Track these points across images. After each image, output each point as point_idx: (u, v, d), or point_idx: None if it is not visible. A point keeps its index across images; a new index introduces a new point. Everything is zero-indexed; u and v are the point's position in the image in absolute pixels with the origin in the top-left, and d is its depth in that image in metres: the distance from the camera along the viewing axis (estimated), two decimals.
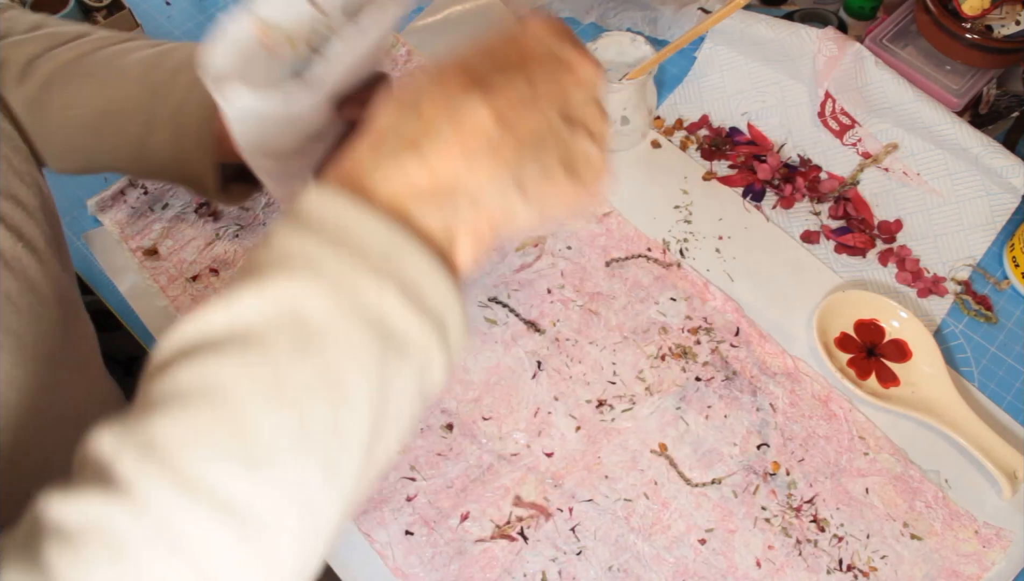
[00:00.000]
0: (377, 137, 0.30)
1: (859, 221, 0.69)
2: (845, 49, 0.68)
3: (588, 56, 0.33)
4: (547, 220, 0.33)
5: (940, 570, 0.55)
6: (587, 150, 0.33)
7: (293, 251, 0.28)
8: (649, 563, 0.55)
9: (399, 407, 0.30)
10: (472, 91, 0.30)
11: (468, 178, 0.30)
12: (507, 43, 0.33)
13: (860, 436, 0.59)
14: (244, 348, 0.28)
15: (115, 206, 0.69)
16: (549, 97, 0.32)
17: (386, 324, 0.28)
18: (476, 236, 0.31)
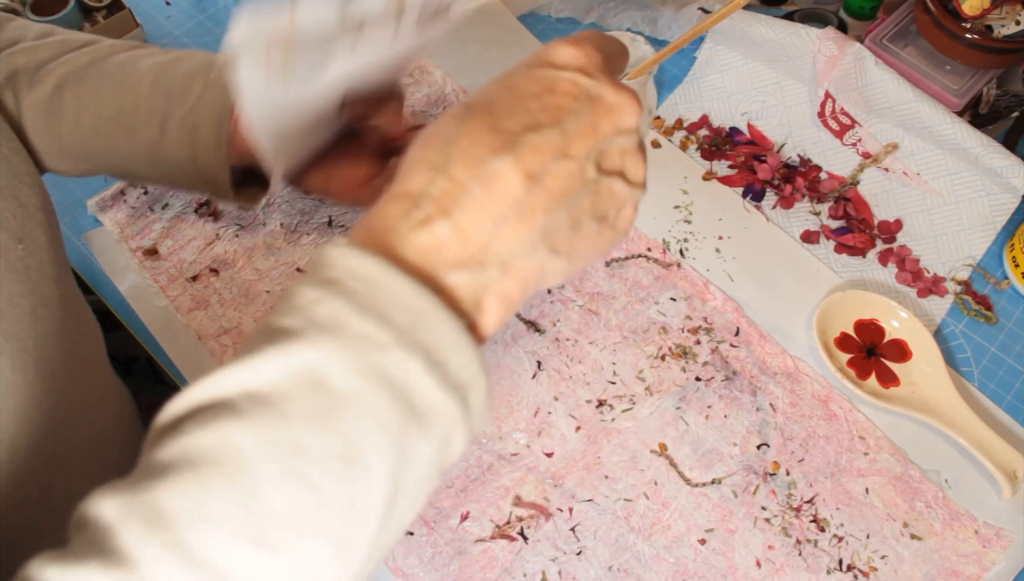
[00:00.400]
0: (407, 198, 0.29)
1: (859, 221, 0.69)
2: (845, 49, 0.68)
3: (624, 90, 0.31)
4: (576, 268, 0.32)
5: (940, 570, 0.55)
6: (620, 195, 0.32)
7: (319, 315, 0.27)
8: (649, 563, 0.55)
9: (417, 482, 0.28)
10: (502, 153, 0.29)
11: (498, 242, 0.29)
12: (536, 82, 0.31)
13: (860, 436, 0.59)
14: (263, 412, 0.26)
15: (115, 206, 0.69)
16: (583, 145, 0.30)
17: (410, 396, 0.27)
18: (505, 299, 0.30)
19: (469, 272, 0.29)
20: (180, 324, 0.64)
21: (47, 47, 0.52)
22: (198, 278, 0.66)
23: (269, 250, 0.67)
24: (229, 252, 0.67)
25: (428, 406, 0.28)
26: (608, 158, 0.31)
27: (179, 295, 0.65)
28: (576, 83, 0.31)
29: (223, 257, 0.67)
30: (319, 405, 0.26)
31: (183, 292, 0.65)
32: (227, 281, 0.65)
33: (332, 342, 0.27)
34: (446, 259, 0.29)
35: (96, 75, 0.52)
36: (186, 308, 0.64)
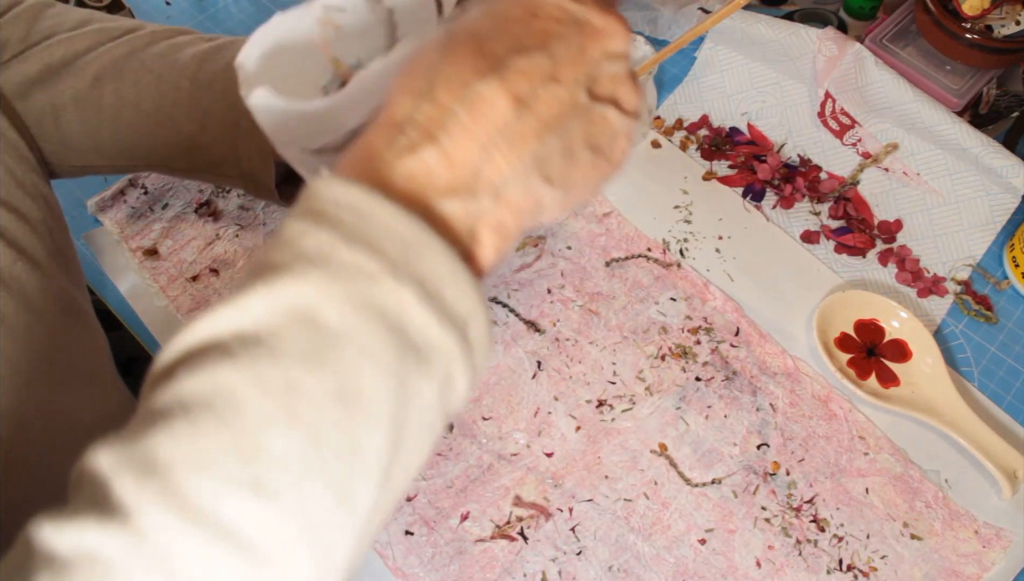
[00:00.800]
0: (392, 126, 0.28)
1: (859, 221, 0.69)
2: (845, 49, 0.68)
3: (612, 14, 0.30)
4: (572, 201, 0.31)
5: (940, 570, 0.55)
6: (613, 123, 0.30)
7: (306, 248, 0.26)
8: (649, 563, 0.55)
9: (420, 424, 0.27)
10: (488, 75, 0.28)
11: (489, 168, 0.28)
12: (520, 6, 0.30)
13: (860, 436, 0.59)
14: (253, 352, 0.25)
15: (115, 206, 0.69)
16: (573, 70, 0.29)
17: (407, 331, 0.26)
18: (500, 229, 0.29)
19: (460, 199, 0.28)
20: (180, 324, 0.64)
21: (83, 37, 0.50)
22: (198, 278, 0.66)
23: None
24: (229, 252, 0.67)
25: (426, 340, 0.26)
26: (600, 84, 0.30)
27: (179, 295, 0.65)
28: (561, 7, 0.29)
29: (223, 257, 0.67)
30: (310, 342, 0.25)
31: (183, 292, 0.65)
32: (227, 281, 0.66)
33: (320, 274, 0.26)
34: (436, 186, 0.27)
35: (136, 66, 0.50)
36: (186, 308, 0.64)
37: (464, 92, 0.28)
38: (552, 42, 0.29)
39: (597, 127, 0.30)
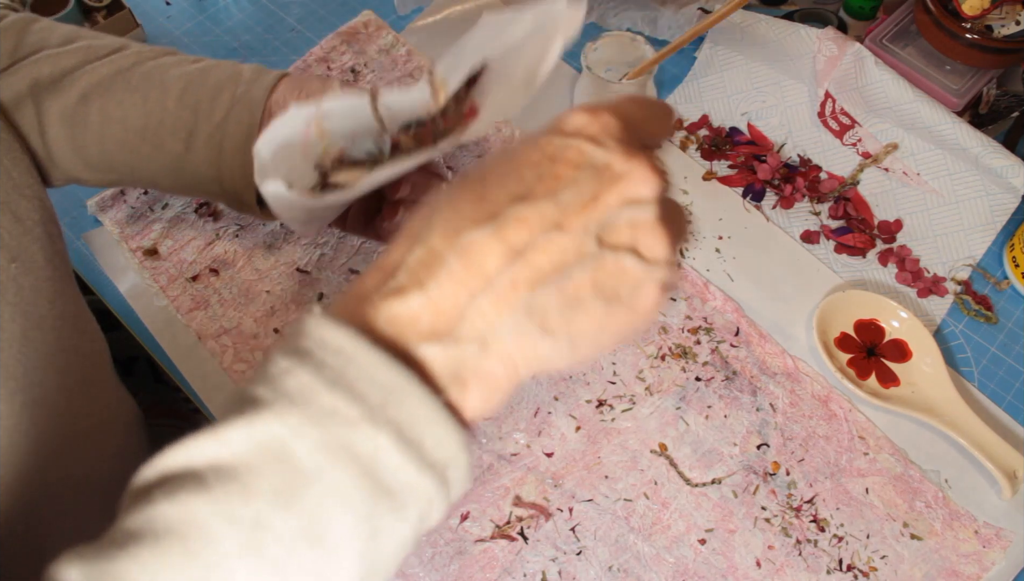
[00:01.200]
0: (384, 269, 0.28)
1: (859, 221, 0.69)
2: (845, 49, 0.68)
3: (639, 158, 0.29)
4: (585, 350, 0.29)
5: (940, 570, 0.55)
6: (631, 271, 0.28)
7: (288, 387, 0.27)
8: (649, 563, 0.55)
9: (391, 554, 0.28)
10: (484, 223, 0.27)
11: (476, 316, 0.27)
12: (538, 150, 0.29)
13: (860, 436, 0.59)
14: (227, 486, 0.26)
15: (115, 206, 0.69)
16: (581, 218, 0.28)
17: (381, 475, 0.26)
18: (488, 378, 0.28)
19: (442, 345, 0.27)
20: (180, 324, 0.64)
21: (71, 54, 0.51)
22: (198, 278, 0.66)
23: (269, 250, 0.67)
24: (229, 252, 0.67)
25: (400, 484, 0.27)
26: (614, 231, 0.28)
27: (179, 295, 0.65)
28: (581, 151, 0.28)
29: (223, 257, 0.67)
30: (283, 481, 0.26)
31: (183, 292, 0.65)
32: (227, 281, 0.66)
33: (299, 415, 0.26)
34: (418, 331, 0.27)
35: (122, 85, 0.51)
36: (186, 308, 0.64)
37: (457, 239, 0.27)
38: (562, 188, 0.28)
39: (611, 276, 0.28)
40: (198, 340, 0.63)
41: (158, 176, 0.53)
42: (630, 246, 0.28)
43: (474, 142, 0.72)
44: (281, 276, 0.66)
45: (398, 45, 0.78)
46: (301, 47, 0.79)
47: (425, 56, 0.78)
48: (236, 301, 0.64)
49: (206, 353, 0.63)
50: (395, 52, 0.78)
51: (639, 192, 0.28)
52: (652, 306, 0.29)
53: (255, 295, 0.65)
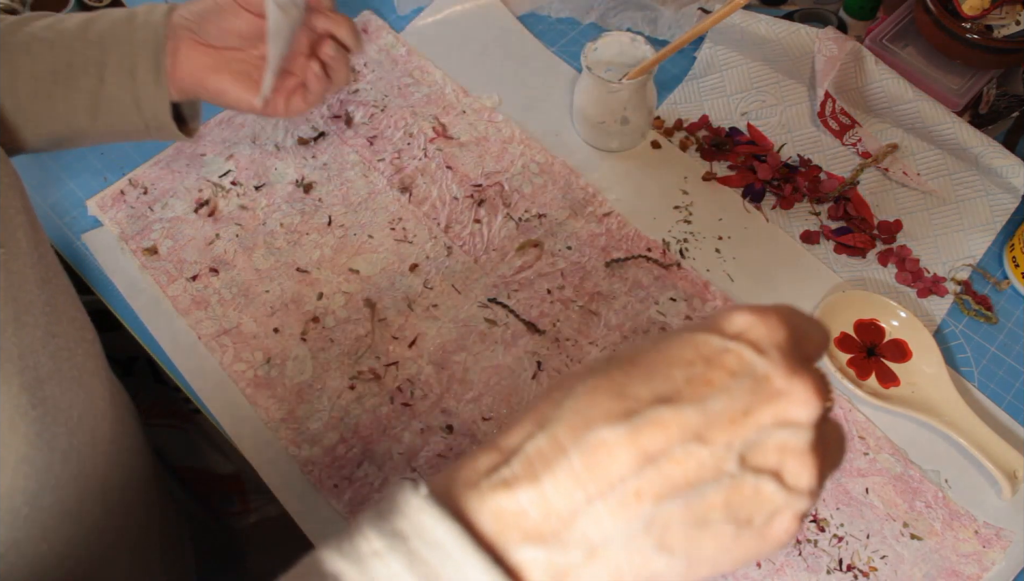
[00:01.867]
0: (500, 452, 0.26)
1: (859, 221, 0.69)
2: (845, 49, 0.68)
3: (806, 377, 0.26)
4: (701, 573, 0.27)
5: (940, 570, 0.55)
6: (770, 497, 0.26)
7: (377, 572, 0.25)
8: None
9: None
10: (617, 423, 0.25)
11: (588, 521, 0.25)
12: (693, 348, 0.27)
13: (860, 436, 0.59)
14: None
15: (115, 206, 0.69)
16: (727, 433, 0.25)
17: None
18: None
19: (546, 548, 0.25)
20: (180, 324, 0.64)
21: None
22: (198, 278, 0.66)
23: (269, 250, 0.67)
24: (229, 252, 0.67)
25: None
26: (760, 452, 0.26)
27: (179, 295, 0.65)
28: (741, 357, 0.26)
29: (223, 257, 0.67)
30: None
31: (183, 292, 0.65)
32: (227, 281, 0.66)
33: None
34: (524, 529, 0.25)
35: (25, 39, 0.53)
36: (186, 308, 0.64)
37: (585, 433, 0.25)
38: (712, 395, 0.26)
39: (746, 499, 0.26)
40: (198, 340, 0.63)
41: (76, 118, 0.56)
42: (775, 470, 0.26)
43: None
44: (281, 276, 0.66)
45: (398, 45, 0.78)
46: None
47: (425, 56, 0.78)
48: (236, 301, 0.64)
49: (206, 353, 0.63)
50: (395, 52, 0.78)
51: (797, 415, 0.26)
52: (786, 537, 0.27)
53: (255, 295, 0.65)
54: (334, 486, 0.57)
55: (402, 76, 0.76)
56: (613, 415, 0.25)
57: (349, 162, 0.71)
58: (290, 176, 0.71)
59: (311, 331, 0.63)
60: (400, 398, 0.60)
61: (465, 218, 0.68)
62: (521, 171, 0.71)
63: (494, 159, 0.71)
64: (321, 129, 0.73)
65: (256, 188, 0.70)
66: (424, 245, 0.67)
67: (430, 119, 0.74)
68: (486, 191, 0.70)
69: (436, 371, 0.61)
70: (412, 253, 0.67)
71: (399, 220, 0.68)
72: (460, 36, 0.79)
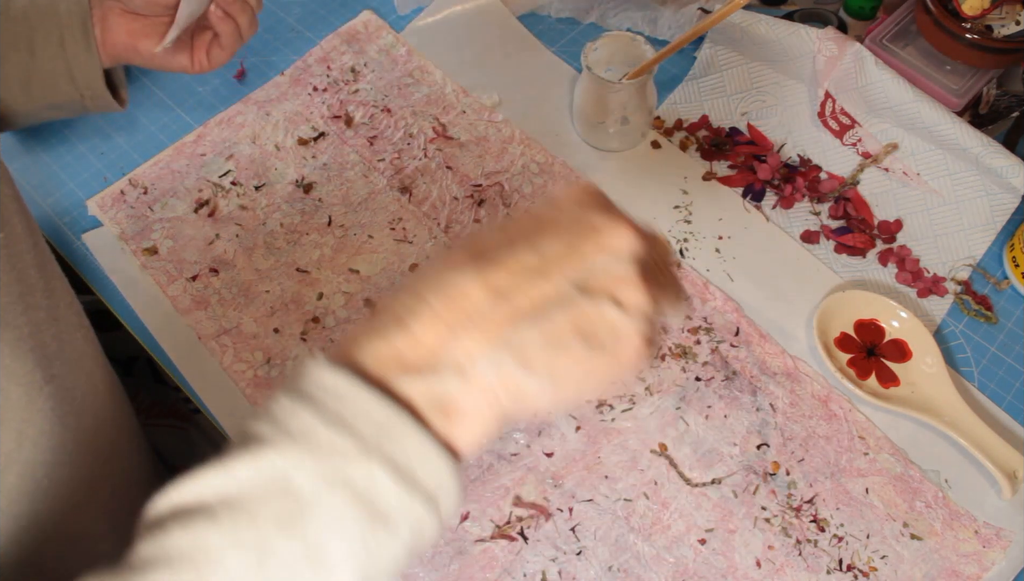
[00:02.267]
0: (374, 315, 0.31)
1: (859, 221, 0.69)
2: (845, 49, 0.68)
3: (619, 219, 0.32)
4: (567, 392, 0.31)
5: (940, 570, 0.55)
6: (610, 318, 0.31)
7: (290, 426, 0.29)
8: (649, 563, 0.55)
9: (383, 570, 0.30)
10: (466, 266, 0.30)
11: (455, 348, 0.29)
12: (532, 216, 0.32)
13: (860, 436, 0.59)
14: (234, 515, 0.28)
15: (115, 206, 0.69)
16: (561, 265, 0.30)
17: (375, 502, 0.29)
18: (472, 411, 0.30)
19: (422, 378, 0.29)
20: (180, 324, 0.64)
21: None
22: (198, 278, 0.66)
23: (269, 250, 0.67)
24: (229, 252, 0.67)
25: (393, 509, 0.29)
26: (593, 280, 0.31)
27: (179, 295, 0.65)
28: (568, 210, 0.32)
29: (223, 257, 0.67)
30: (286, 509, 0.28)
31: (183, 292, 0.65)
32: (227, 281, 0.66)
33: (300, 451, 0.29)
34: (401, 364, 0.30)
35: None
36: (186, 308, 0.64)
37: (440, 284, 0.30)
38: (545, 241, 0.31)
39: (590, 321, 0.30)
40: (198, 340, 0.63)
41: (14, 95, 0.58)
42: (609, 294, 0.31)
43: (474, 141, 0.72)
44: (281, 276, 0.66)
45: (398, 45, 0.78)
46: (301, 47, 0.79)
47: (425, 56, 0.78)
48: (236, 301, 0.64)
49: (206, 353, 0.63)
50: (395, 52, 0.78)
51: (615, 244, 0.31)
52: (634, 356, 0.31)
53: (255, 295, 0.65)
54: None
55: (402, 76, 0.76)
56: (461, 262, 0.30)
57: (349, 162, 0.71)
58: (290, 176, 0.71)
59: (311, 331, 0.63)
60: None
61: (465, 218, 0.68)
62: (521, 171, 0.71)
63: (494, 159, 0.71)
64: (321, 129, 0.73)
65: (256, 188, 0.70)
66: (424, 245, 0.67)
67: (430, 119, 0.74)
68: (486, 191, 0.70)
69: None
70: (412, 253, 0.67)
71: (399, 220, 0.68)
72: (460, 36, 0.79)
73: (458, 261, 0.30)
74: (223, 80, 0.77)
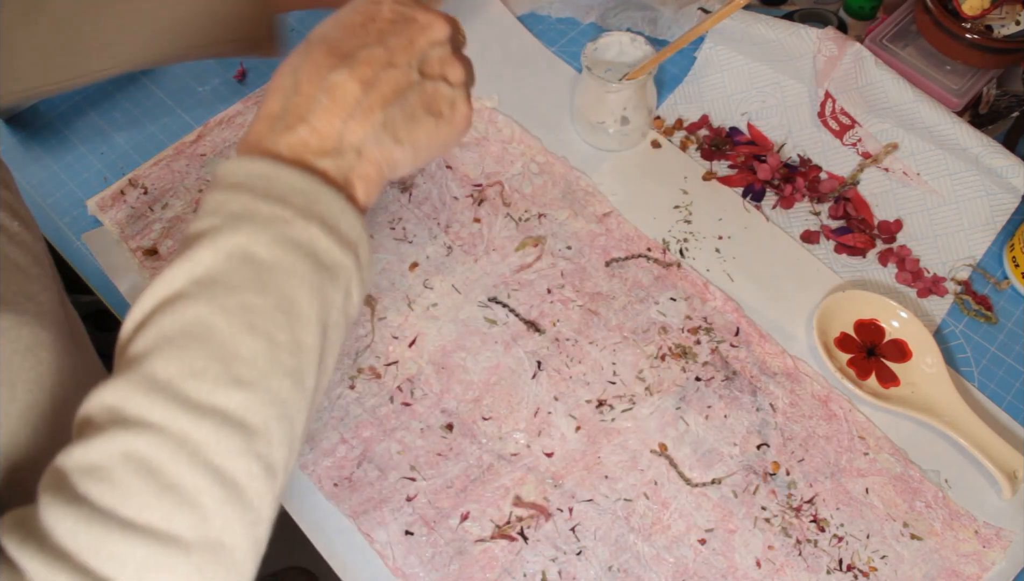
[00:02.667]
0: (269, 118, 0.37)
1: (859, 221, 0.69)
2: (845, 49, 0.68)
3: (432, 12, 0.40)
4: (423, 155, 0.40)
5: (940, 570, 0.55)
6: (445, 93, 0.40)
7: (232, 209, 0.34)
8: (649, 563, 0.55)
9: (335, 325, 0.36)
10: (339, 67, 0.37)
11: (349, 134, 0.37)
12: (360, 14, 0.39)
13: (860, 436, 0.59)
14: (211, 289, 0.33)
15: (115, 206, 0.69)
16: (405, 56, 0.38)
17: (318, 256, 0.35)
18: (366, 178, 0.38)
19: (332, 158, 0.36)
20: None
21: None
22: None
23: None
24: None
25: (332, 261, 0.35)
26: (428, 65, 0.40)
27: None
28: (393, 9, 0.39)
29: None
30: (252, 274, 0.34)
31: None
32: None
33: (248, 225, 0.34)
34: (312, 151, 0.36)
35: None
36: None
37: (322, 82, 0.37)
38: (387, 37, 0.38)
39: (432, 97, 0.40)
40: None
41: (195, 34, 0.59)
42: (440, 74, 0.40)
43: (474, 142, 0.72)
44: None
45: None
46: None
47: None
48: None
49: None
50: None
51: (438, 35, 0.40)
52: (464, 119, 0.41)
53: None
54: (334, 485, 0.57)
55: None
56: (334, 65, 0.37)
57: None
58: None
59: None
60: (400, 398, 0.60)
61: (465, 218, 0.68)
62: (521, 171, 0.71)
63: (494, 159, 0.71)
64: None
65: None
66: (424, 245, 0.67)
67: None
68: (486, 191, 0.70)
69: (436, 371, 0.61)
70: (412, 253, 0.67)
71: (399, 220, 0.68)
72: None
73: (325, 62, 0.37)
74: (223, 80, 0.77)
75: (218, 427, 0.31)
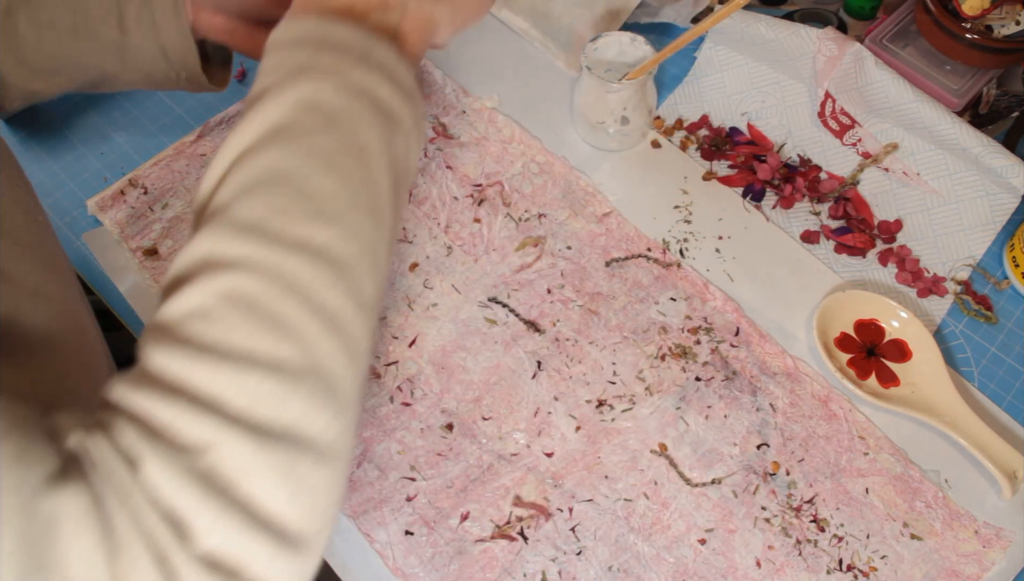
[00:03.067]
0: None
1: (859, 221, 0.69)
2: (845, 49, 0.68)
3: None
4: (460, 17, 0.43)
5: (940, 570, 0.55)
6: None
7: (293, 64, 0.36)
8: (649, 563, 0.55)
9: (401, 173, 0.38)
10: None
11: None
12: None
13: (860, 436, 0.59)
14: (283, 138, 0.34)
15: (115, 206, 0.69)
16: None
17: (379, 101, 0.36)
18: (412, 32, 0.40)
19: (380, 13, 0.39)
20: None
21: None
22: None
23: None
24: None
25: (392, 107, 0.37)
26: None
27: None
28: None
29: None
30: (322, 119, 0.35)
31: None
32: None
33: (311, 76, 0.35)
34: (361, 9, 0.39)
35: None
36: None
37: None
38: None
39: None
40: None
41: (106, 66, 0.57)
42: None
43: (474, 142, 0.72)
44: None
45: None
46: None
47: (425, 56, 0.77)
48: None
49: None
50: None
51: None
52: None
53: None
54: None
55: None
56: None
57: None
58: None
59: None
60: (400, 398, 0.60)
61: (465, 218, 0.68)
62: (521, 171, 0.71)
63: (494, 159, 0.71)
64: None
65: None
66: (424, 245, 0.67)
67: (430, 119, 0.74)
68: (486, 191, 0.70)
69: (436, 371, 0.61)
70: (412, 253, 0.67)
71: None
72: (460, 36, 0.79)
73: None
74: None
75: (310, 260, 0.32)
